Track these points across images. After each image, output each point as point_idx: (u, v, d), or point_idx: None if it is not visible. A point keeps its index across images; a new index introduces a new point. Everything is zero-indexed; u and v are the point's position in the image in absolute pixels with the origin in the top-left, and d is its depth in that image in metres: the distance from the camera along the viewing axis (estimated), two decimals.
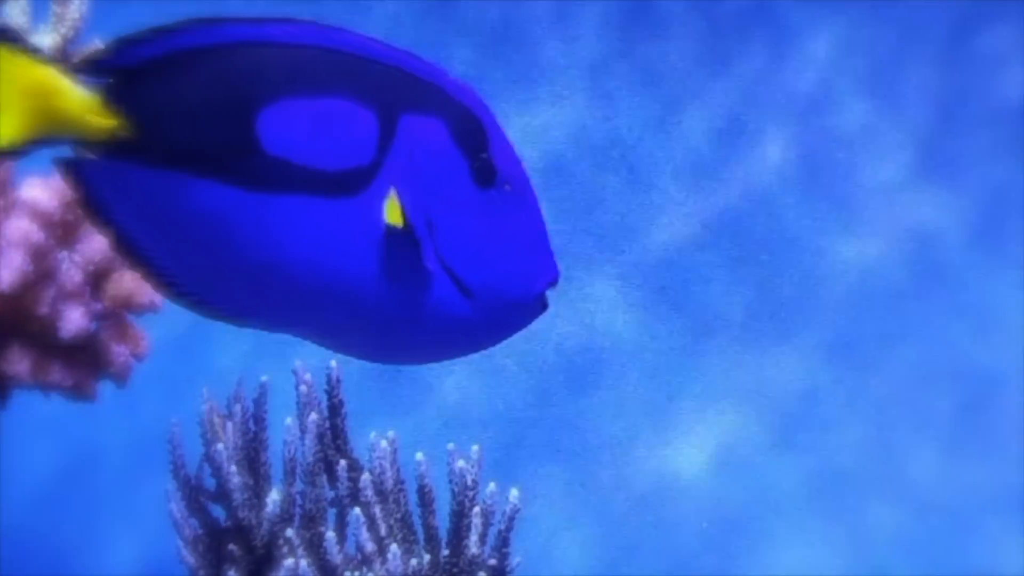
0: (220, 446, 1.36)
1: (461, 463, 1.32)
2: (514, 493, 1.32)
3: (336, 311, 1.09)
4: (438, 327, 1.11)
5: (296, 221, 1.09)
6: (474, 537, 1.31)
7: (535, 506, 2.51)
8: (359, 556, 1.31)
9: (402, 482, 1.36)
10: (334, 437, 1.38)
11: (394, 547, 1.29)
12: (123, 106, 1.07)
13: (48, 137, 1.07)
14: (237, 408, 1.37)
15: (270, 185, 1.08)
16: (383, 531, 1.32)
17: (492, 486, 1.32)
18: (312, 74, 1.10)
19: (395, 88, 1.10)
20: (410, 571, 1.29)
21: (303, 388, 1.39)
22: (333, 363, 1.39)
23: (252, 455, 1.37)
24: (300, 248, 1.09)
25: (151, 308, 1.37)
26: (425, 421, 2.48)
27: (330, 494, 1.36)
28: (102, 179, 1.09)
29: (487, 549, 1.32)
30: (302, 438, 1.36)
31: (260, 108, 1.08)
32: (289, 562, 1.30)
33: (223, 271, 1.10)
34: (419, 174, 1.09)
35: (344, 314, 1.10)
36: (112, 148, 1.08)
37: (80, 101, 1.07)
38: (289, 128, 1.08)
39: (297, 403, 1.40)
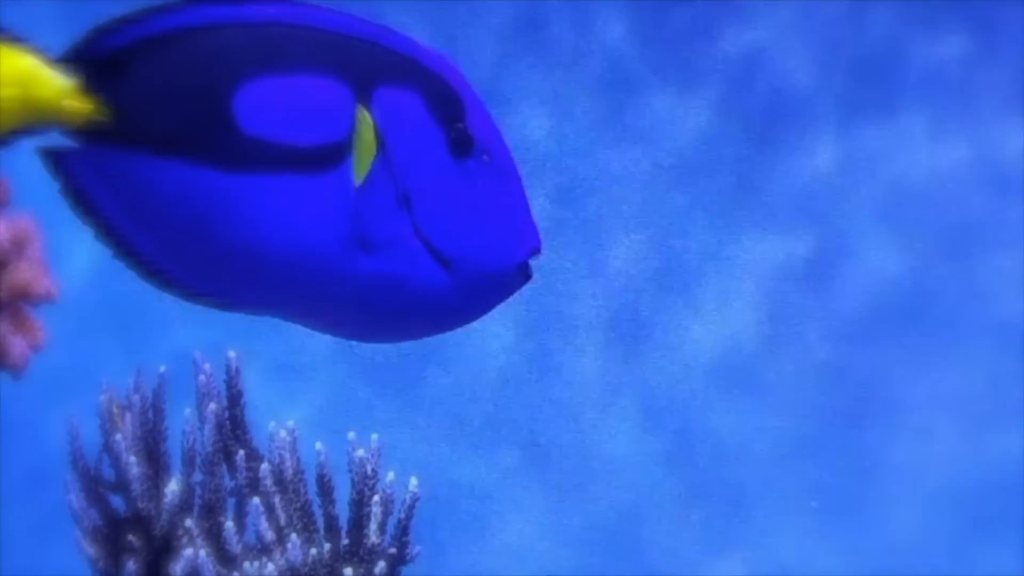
0: (119, 436, 1.35)
1: (361, 452, 1.33)
2: (413, 482, 1.33)
3: (317, 288, 1.09)
4: (418, 300, 1.10)
5: (274, 200, 1.08)
6: (373, 526, 1.32)
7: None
8: (258, 546, 1.32)
9: (302, 472, 1.36)
10: (233, 427, 1.38)
11: (294, 536, 1.29)
12: (101, 91, 1.07)
13: (29, 126, 1.07)
14: (136, 398, 1.37)
15: (247, 165, 1.08)
16: (283, 520, 1.33)
17: (391, 475, 1.33)
18: (286, 52, 1.09)
19: (370, 62, 1.09)
20: (310, 560, 1.30)
21: (202, 378, 1.38)
22: (232, 353, 1.39)
23: (151, 445, 1.37)
24: (279, 227, 1.08)
25: (48, 298, 1.36)
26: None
27: (230, 484, 1.37)
28: (83, 167, 1.08)
29: (387, 538, 1.33)
30: (201, 428, 1.36)
31: (235, 88, 1.08)
32: (188, 552, 1.30)
33: (206, 255, 1.09)
34: (394, 146, 1.09)
35: (325, 291, 1.09)
36: (92, 134, 1.07)
37: (58, 88, 1.06)
38: (264, 107, 1.08)
39: (196, 393, 1.39)
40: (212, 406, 1.36)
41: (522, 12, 2.80)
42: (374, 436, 1.34)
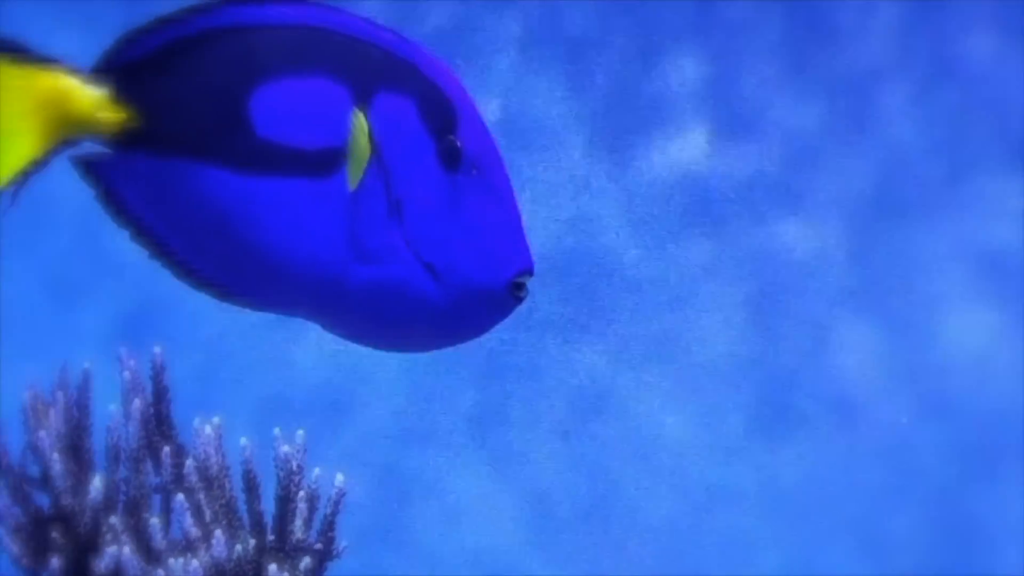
0: (43, 433, 1.34)
1: (286, 448, 1.33)
2: (339, 478, 1.33)
3: (320, 292, 1.09)
4: (409, 309, 1.10)
5: (280, 202, 1.09)
6: (299, 522, 1.31)
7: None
8: (184, 542, 1.31)
9: (227, 468, 1.36)
10: (158, 423, 1.37)
11: (219, 533, 1.29)
12: (130, 99, 1.09)
13: (67, 141, 1.09)
14: (60, 395, 1.36)
15: (260, 167, 1.09)
16: (208, 517, 1.32)
17: (317, 471, 1.33)
18: (296, 55, 1.10)
19: (370, 66, 1.09)
20: (235, 556, 1.29)
21: (127, 374, 1.38)
22: (157, 349, 1.39)
23: (76, 442, 1.36)
24: (284, 229, 1.10)
25: None
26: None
27: (154, 480, 1.36)
28: (116, 173, 1.10)
29: (313, 534, 1.33)
30: (126, 424, 1.35)
31: (251, 91, 1.09)
32: (112, 549, 1.29)
33: (229, 256, 1.10)
34: (388, 153, 1.09)
35: (327, 295, 1.10)
36: (123, 141, 1.09)
37: (90, 99, 1.08)
38: (276, 110, 1.09)
39: (121, 389, 1.39)
40: (137, 402, 1.36)
41: None
42: (300, 432, 1.34)
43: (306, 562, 1.29)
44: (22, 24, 1.07)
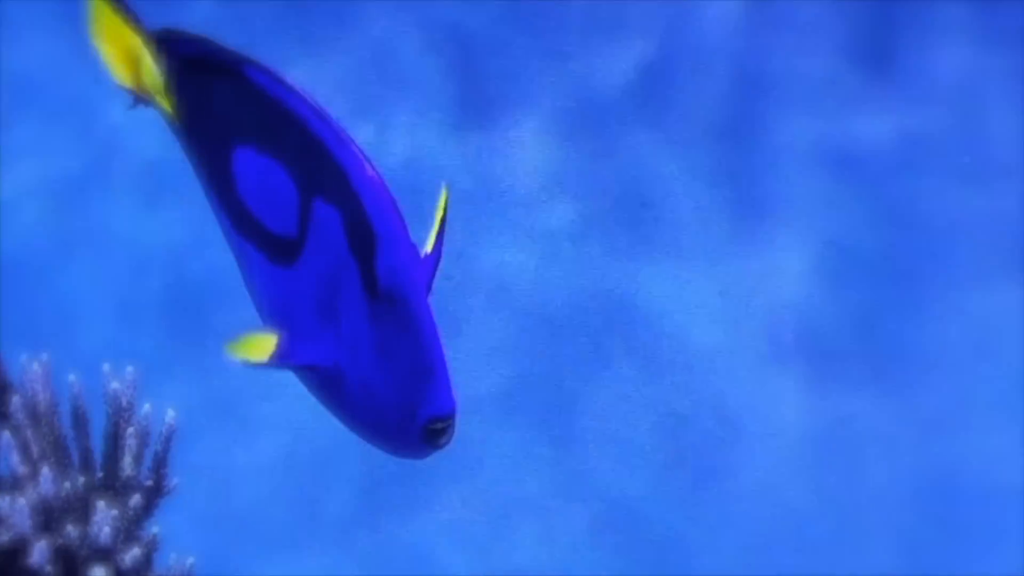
0: None
1: (116, 384, 1.32)
2: (171, 414, 1.33)
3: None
4: (348, 408, 1.09)
5: (256, 266, 1.11)
6: (128, 459, 1.31)
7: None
8: (10, 480, 1.30)
9: (56, 405, 1.34)
10: None
11: (46, 470, 1.28)
12: (175, 93, 1.11)
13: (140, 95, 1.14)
14: None
15: (240, 225, 1.11)
16: (36, 454, 1.31)
17: (147, 407, 1.32)
18: (265, 129, 1.09)
19: (312, 166, 1.07)
20: (63, 494, 1.28)
21: None
22: None
23: None
24: (261, 289, 1.13)
25: None
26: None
27: None
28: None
29: (143, 470, 1.32)
30: None
31: (235, 146, 1.10)
32: None
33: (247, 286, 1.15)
34: (325, 265, 1.07)
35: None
36: (176, 127, 1.14)
37: (153, 78, 1.12)
38: (248, 175, 1.10)
39: None
40: None
41: None
42: (129, 368, 1.33)
43: (136, 499, 1.28)
44: (21, 24, 1.09)
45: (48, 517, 1.25)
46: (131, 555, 1.24)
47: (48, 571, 1.22)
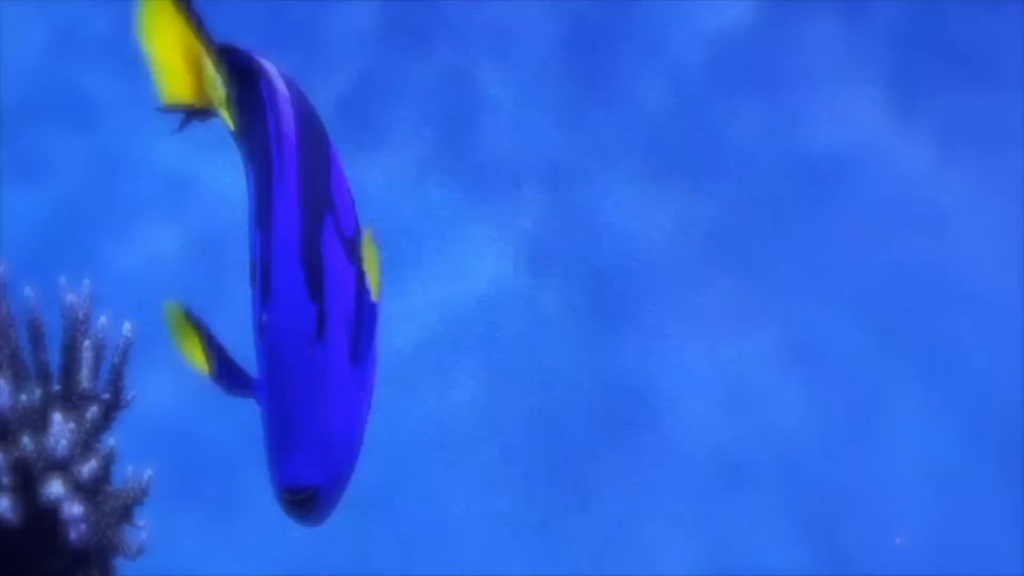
0: None
1: (72, 297, 1.31)
2: (127, 326, 1.32)
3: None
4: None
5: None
6: (85, 371, 1.30)
7: None
8: None
9: (12, 318, 1.34)
10: None
11: (2, 382, 1.27)
12: (232, 107, 1.06)
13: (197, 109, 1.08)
14: None
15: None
16: None
17: (104, 319, 1.32)
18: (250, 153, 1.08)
19: (258, 206, 1.07)
20: (19, 405, 1.28)
21: None
22: None
23: None
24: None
25: None
26: None
27: None
28: None
29: (100, 383, 1.32)
30: None
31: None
32: None
33: None
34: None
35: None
36: (239, 143, 1.08)
37: (217, 90, 1.06)
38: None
39: None
40: None
41: None
42: (86, 281, 1.32)
43: (93, 411, 1.28)
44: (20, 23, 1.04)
45: (4, 429, 1.25)
46: (88, 467, 1.24)
47: (4, 483, 1.22)
